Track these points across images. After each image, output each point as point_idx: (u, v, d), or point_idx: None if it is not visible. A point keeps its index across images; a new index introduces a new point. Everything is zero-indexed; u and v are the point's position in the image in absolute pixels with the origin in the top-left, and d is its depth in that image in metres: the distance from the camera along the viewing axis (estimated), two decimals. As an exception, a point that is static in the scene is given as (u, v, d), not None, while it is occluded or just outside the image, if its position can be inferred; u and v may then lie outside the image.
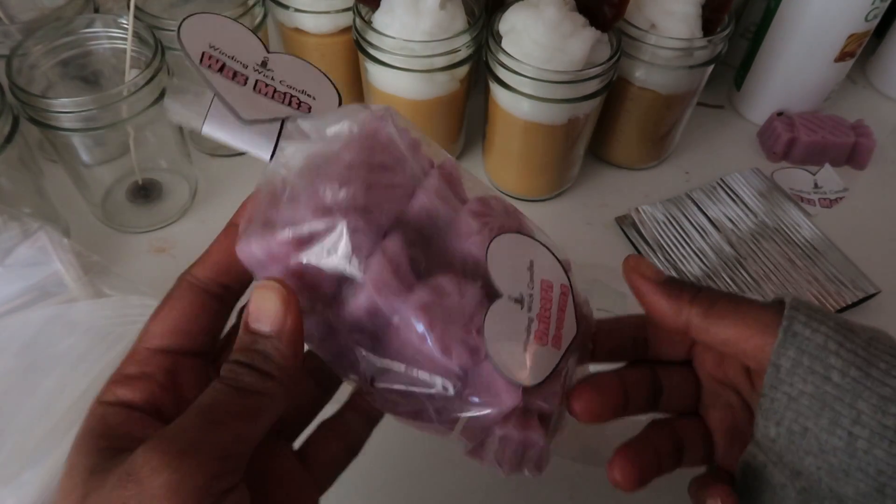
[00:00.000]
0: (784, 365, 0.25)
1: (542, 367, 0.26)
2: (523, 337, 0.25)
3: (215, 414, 0.21)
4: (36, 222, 0.43)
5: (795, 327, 0.25)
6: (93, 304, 0.42)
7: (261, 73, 0.27)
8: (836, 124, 0.61)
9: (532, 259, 0.27)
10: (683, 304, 0.27)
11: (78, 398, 0.38)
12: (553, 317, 0.26)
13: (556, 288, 0.27)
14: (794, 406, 0.25)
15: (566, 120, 0.49)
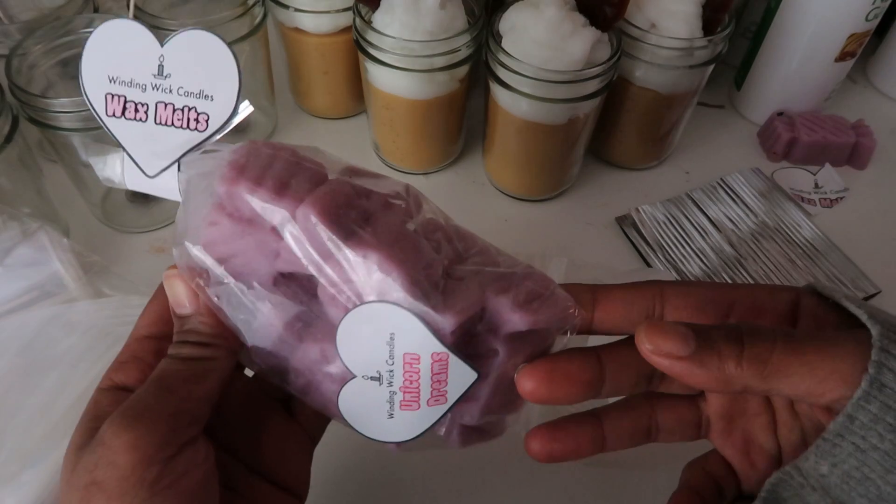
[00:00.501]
0: (861, 419, 0.21)
1: (416, 425, 0.26)
2: (385, 408, 0.25)
3: (164, 381, 0.24)
4: (35, 222, 0.43)
5: (884, 378, 0.21)
6: (93, 304, 0.42)
7: (158, 87, 0.28)
8: (836, 124, 0.61)
9: (392, 332, 0.24)
10: (731, 371, 0.22)
11: (78, 398, 0.38)
12: (425, 384, 0.25)
13: (426, 359, 0.24)
14: (861, 457, 0.21)
15: (566, 120, 0.49)
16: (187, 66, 0.28)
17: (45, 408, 0.37)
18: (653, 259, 0.52)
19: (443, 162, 0.59)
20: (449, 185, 0.58)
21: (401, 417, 0.25)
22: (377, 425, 0.26)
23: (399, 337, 0.24)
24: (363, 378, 0.25)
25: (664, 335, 0.22)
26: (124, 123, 0.28)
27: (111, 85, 0.28)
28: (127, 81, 0.28)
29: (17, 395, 0.38)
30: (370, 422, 0.26)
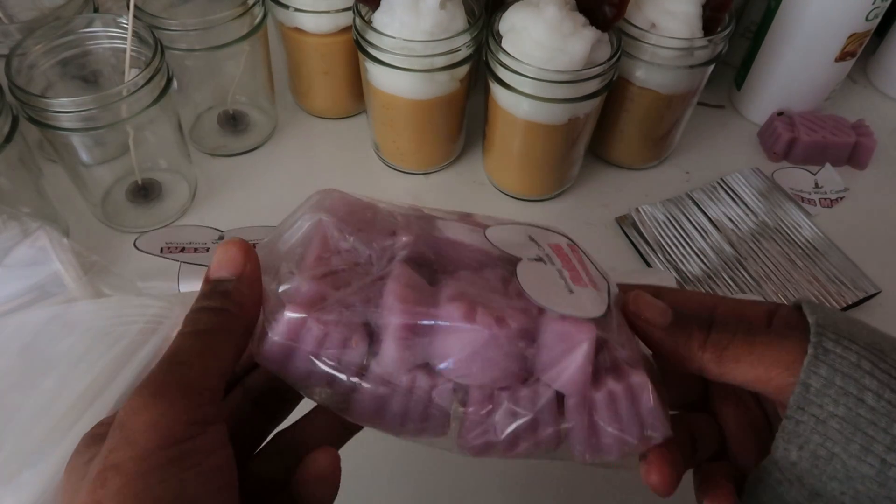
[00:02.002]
0: (814, 385, 0.23)
1: (596, 301, 0.24)
2: (562, 283, 0.24)
3: (179, 356, 0.23)
4: (35, 222, 0.43)
5: (826, 344, 0.23)
6: (93, 304, 0.42)
7: None
8: (836, 124, 0.61)
9: (530, 234, 0.26)
10: (694, 350, 0.25)
11: (78, 398, 0.38)
12: (578, 266, 0.25)
13: (565, 247, 0.26)
14: (822, 429, 0.23)
15: (566, 120, 0.49)
16: None
17: (45, 408, 0.37)
18: (653, 259, 0.52)
19: (443, 162, 0.59)
20: (449, 185, 0.58)
21: (579, 292, 0.24)
22: (565, 299, 0.24)
23: (537, 237, 0.26)
24: (528, 259, 0.25)
25: (648, 305, 0.26)
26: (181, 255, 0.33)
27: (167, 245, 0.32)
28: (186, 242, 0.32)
29: (17, 395, 0.38)
30: (557, 296, 0.24)
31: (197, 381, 0.23)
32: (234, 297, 0.24)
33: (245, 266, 0.25)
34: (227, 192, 0.56)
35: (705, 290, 0.50)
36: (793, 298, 0.49)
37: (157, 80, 0.45)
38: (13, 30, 0.48)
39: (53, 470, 0.36)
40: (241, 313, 0.24)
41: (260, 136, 0.60)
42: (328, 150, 0.61)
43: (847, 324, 0.24)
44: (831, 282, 0.51)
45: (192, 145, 0.58)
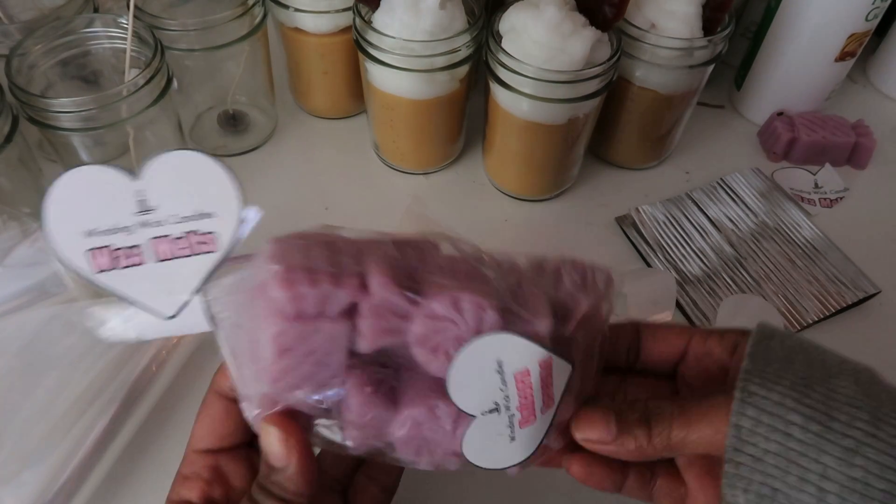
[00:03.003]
0: (745, 426, 0.25)
1: (535, 437, 0.27)
2: (507, 434, 0.26)
3: None
4: (35, 222, 0.43)
5: (750, 388, 0.25)
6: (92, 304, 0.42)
7: (148, 224, 0.25)
8: (836, 124, 0.61)
9: (499, 359, 0.25)
10: (645, 448, 0.27)
11: (77, 398, 0.38)
12: (537, 394, 0.26)
13: (534, 370, 0.26)
14: (761, 467, 0.24)
15: (566, 120, 0.49)
16: (172, 192, 0.24)
17: (45, 408, 0.37)
18: (653, 259, 0.52)
19: (443, 162, 0.59)
20: (449, 185, 0.58)
21: (521, 436, 0.26)
22: (501, 454, 0.27)
23: (506, 361, 0.25)
24: (482, 415, 0.26)
25: (591, 426, 0.28)
26: (120, 274, 0.24)
27: (90, 239, 0.24)
28: (107, 229, 0.24)
29: (17, 395, 0.38)
30: (494, 454, 0.27)
31: None
32: (289, 487, 0.26)
33: (290, 457, 0.26)
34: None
35: (705, 290, 0.50)
36: (793, 298, 0.49)
37: (157, 80, 0.45)
38: (13, 30, 0.48)
39: (53, 470, 0.36)
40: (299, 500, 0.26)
41: (260, 136, 0.60)
42: (328, 150, 0.61)
43: (783, 362, 0.26)
44: (831, 282, 0.51)
45: (192, 145, 0.58)
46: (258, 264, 0.25)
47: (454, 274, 0.26)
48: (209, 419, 0.28)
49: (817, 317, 0.49)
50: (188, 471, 0.28)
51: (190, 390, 0.43)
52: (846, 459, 0.23)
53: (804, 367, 0.26)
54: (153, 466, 0.40)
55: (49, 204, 0.24)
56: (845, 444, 0.24)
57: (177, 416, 0.42)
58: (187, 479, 0.28)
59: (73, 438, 0.37)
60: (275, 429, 0.25)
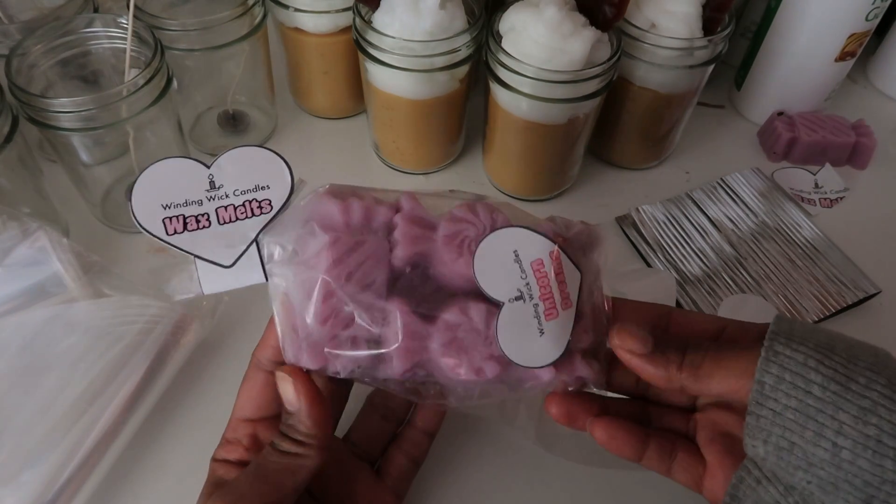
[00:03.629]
0: (767, 382, 0.26)
1: (561, 335, 0.29)
2: (535, 326, 0.28)
3: (260, 470, 0.29)
4: (35, 222, 0.43)
5: (776, 347, 0.27)
6: (93, 304, 0.42)
7: (215, 198, 0.30)
8: (836, 124, 0.61)
9: (515, 249, 0.29)
10: (673, 372, 0.29)
11: (78, 398, 0.38)
12: (554, 287, 0.29)
13: (547, 261, 0.29)
14: (780, 421, 0.26)
15: (566, 120, 0.49)
16: (236, 173, 0.31)
17: (45, 408, 0.37)
18: (653, 259, 0.52)
19: (443, 162, 0.59)
20: (449, 185, 0.58)
21: (549, 330, 0.28)
22: (534, 349, 0.28)
23: (521, 250, 0.29)
24: (510, 302, 0.28)
25: (630, 336, 0.29)
26: (188, 235, 0.30)
27: (166, 211, 0.30)
28: (181, 203, 0.30)
29: (17, 395, 0.38)
30: (529, 348, 0.28)
31: (270, 494, 0.28)
32: (301, 428, 0.29)
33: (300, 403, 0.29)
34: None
35: (705, 290, 0.50)
36: (793, 298, 0.49)
37: (157, 80, 0.45)
38: (13, 30, 0.48)
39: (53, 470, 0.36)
40: (311, 441, 0.29)
41: (260, 136, 0.60)
42: (328, 150, 0.61)
43: (804, 331, 0.28)
44: (831, 282, 0.51)
45: (192, 145, 0.58)
46: (310, 198, 0.30)
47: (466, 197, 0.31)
48: (249, 391, 0.32)
49: (817, 317, 0.49)
50: (231, 436, 0.32)
51: (190, 390, 0.43)
52: (861, 418, 0.25)
53: (827, 337, 0.27)
54: (153, 466, 0.40)
55: (137, 185, 0.30)
56: (862, 404, 0.25)
57: (177, 416, 0.42)
58: (230, 442, 0.31)
59: (73, 438, 0.37)
60: (287, 376, 0.29)
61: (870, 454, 0.24)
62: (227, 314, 0.45)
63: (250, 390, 0.32)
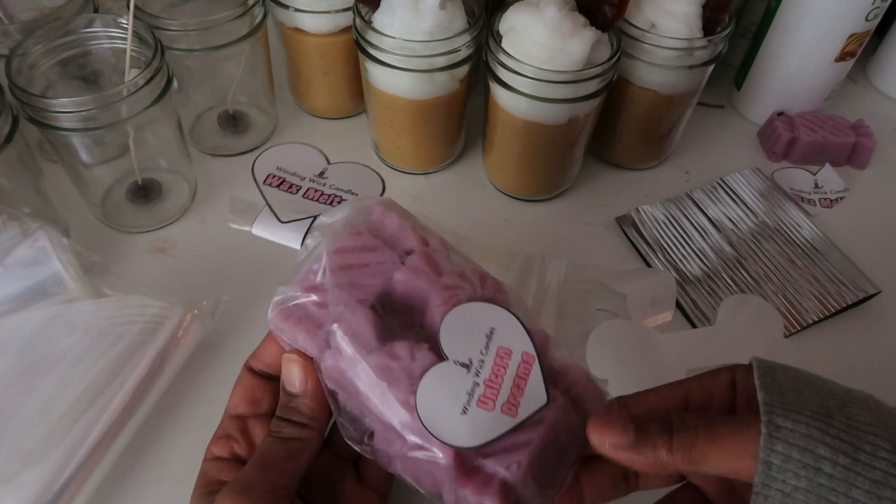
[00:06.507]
0: (775, 462, 0.24)
1: (483, 431, 0.26)
2: (463, 399, 0.26)
3: (265, 459, 0.29)
4: (35, 222, 0.43)
5: (776, 421, 0.25)
6: (93, 304, 0.42)
7: (315, 182, 0.37)
8: (836, 124, 0.61)
9: (493, 327, 0.28)
10: (663, 457, 0.26)
11: (78, 398, 0.38)
12: (506, 383, 0.27)
13: (516, 355, 0.27)
14: (790, 502, 0.24)
15: (566, 120, 0.49)
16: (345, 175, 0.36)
17: (45, 408, 0.37)
18: (653, 259, 0.52)
19: (443, 162, 0.59)
20: (449, 185, 0.58)
21: (473, 416, 0.26)
22: (448, 421, 0.26)
23: (498, 333, 0.28)
24: (454, 362, 0.27)
25: (609, 429, 0.26)
26: (276, 191, 0.36)
27: (276, 171, 0.36)
28: (290, 173, 0.36)
29: (17, 395, 0.38)
30: (442, 415, 0.26)
31: (277, 482, 0.28)
32: (304, 410, 0.30)
33: (307, 382, 0.30)
34: (228, 192, 0.56)
35: (705, 290, 0.50)
36: (793, 298, 0.49)
37: (157, 80, 0.45)
38: (13, 30, 0.48)
39: (53, 470, 0.36)
40: (313, 423, 0.30)
41: (260, 136, 0.60)
42: (328, 150, 0.61)
43: (795, 392, 0.26)
44: (831, 282, 0.51)
45: (192, 145, 0.58)
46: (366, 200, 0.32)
47: None
48: (242, 389, 0.33)
49: (817, 317, 0.49)
50: (222, 432, 0.32)
51: (190, 390, 0.43)
52: (875, 493, 0.23)
53: (815, 395, 0.26)
54: (153, 466, 0.40)
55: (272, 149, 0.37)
56: (873, 477, 0.23)
57: (177, 416, 0.42)
58: (220, 438, 0.32)
59: (73, 438, 0.37)
60: (296, 357, 0.30)
61: None
62: (227, 314, 0.45)
63: (242, 389, 0.33)
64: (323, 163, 0.37)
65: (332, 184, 0.37)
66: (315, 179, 0.36)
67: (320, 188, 0.37)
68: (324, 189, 0.37)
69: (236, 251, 0.50)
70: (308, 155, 0.38)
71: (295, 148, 0.38)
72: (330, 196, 0.37)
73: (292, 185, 0.37)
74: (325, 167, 0.37)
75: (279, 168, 0.37)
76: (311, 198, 0.37)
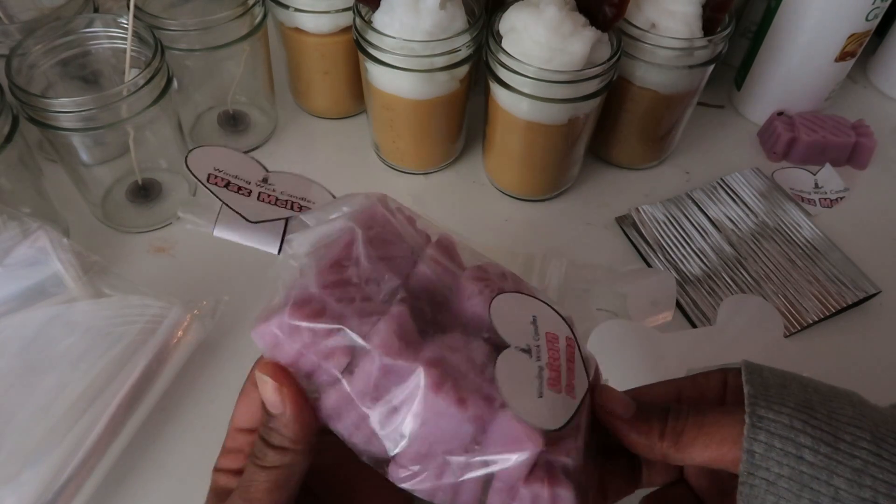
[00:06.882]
0: (757, 451, 0.25)
1: (560, 412, 0.26)
2: (536, 383, 0.26)
3: (250, 492, 0.27)
4: (35, 222, 0.43)
5: (759, 412, 0.26)
6: (93, 304, 0.42)
7: (263, 187, 0.31)
8: (836, 124, 0.61)
9: (535, 314, 0.28)
10: (654, 440, 0.27)
11: (78, 398, 0.38)
12: (563, 366, 0.27)
13: (562, 340, 0.27)
14: (774, 490, 0.25)
15: (566, 120, 0.49)
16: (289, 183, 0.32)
17: (45, 408, 0.37)
18: (653, 259, 0.52)
19: (443, 162, 0.59)
20: (449, 185, 0.58)
21: (548, 398, 0.26)
22: (529, 403, 0.25)
23: (540, 320, 0.27)
24: (516, 348, 0.26)
25: (614, 397, 0.28)
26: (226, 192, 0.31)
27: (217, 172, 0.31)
28: (233, 175, 0.32)
29: (17, 395, 0.38)
30: (523, 396, 0.25)
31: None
32: (286, 433, 0.27)
33: (284, 405, 0.26)
34: (227, 192, 0.56)
35: (705, 290, 0.50)
36: (793, 298, 0.49)
37: (157, 80, 0.45)
38: (13, 30, 0.48)
39: (53, 470, 0.36)
40: (296, 447, 0.27)
41: (260, 136, 0.60)
42: (328, 150, 0.61)
43: (779, 387, 0.27)
44: (831, 282, 0.51)
45: (192, 145, 0.58)
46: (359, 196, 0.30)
47: None
48: (248, 403, 0.30)
49: (817, 317, 0.49)
50: (231, 445, 0.30)
51: (190, 390, 0.43)
52: (856, 480, 0.24)
53: (800, 390, 0.27)
54: (153, 466, 0.40)
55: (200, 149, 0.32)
56: (854, 465, 0.24)
57: (177, 416, 0.42)
58: (230, 452, 0.30)
59: (73, 438, 0.37)
60: (268, 378, 0.26)
61: None
62: (227, 314, 0.45)
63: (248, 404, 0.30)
64: (261, 171, 0.32)
65: (283, 190, 0.32)
66: (261, 185, 0.32)
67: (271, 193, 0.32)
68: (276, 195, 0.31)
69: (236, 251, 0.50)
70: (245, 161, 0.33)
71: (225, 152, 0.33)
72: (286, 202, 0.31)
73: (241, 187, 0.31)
74: (265, 174, 0.32)
75: (217, 170, 0.31)
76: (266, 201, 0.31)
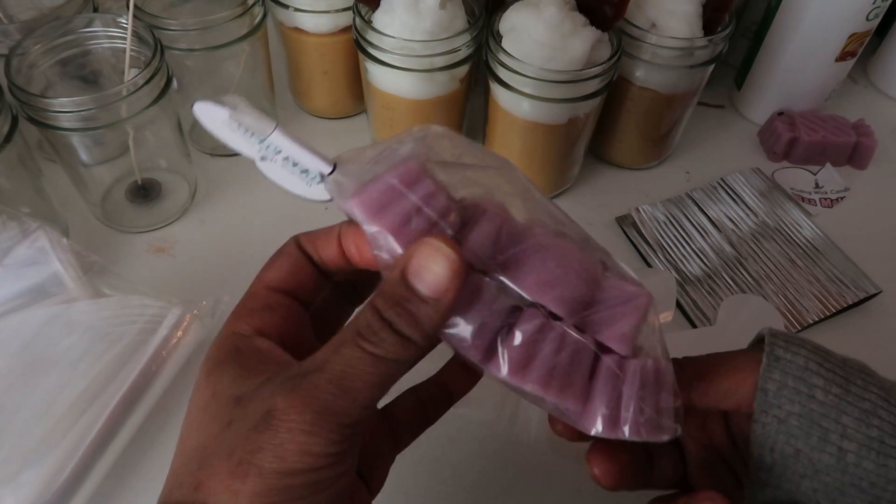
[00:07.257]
0: (771, 388, 0.26)
1: None
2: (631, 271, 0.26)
3: (350, 381, 0.21)
4: (35, 222, 0.43)
5: (777, 352, 0.27)
6: (92, 304, 0.42)
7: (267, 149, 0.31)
8: (837, 124, 0.61)
9: None
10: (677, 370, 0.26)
11: (77, 398, 0.38)
12: None
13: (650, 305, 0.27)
14: (785, 428, 0.26)
15: (566, 120, 0.49)
16: None
17: (45, 408, 0.37)
18: (653, 259, 0.52)
19: (443, 162, 0.59)
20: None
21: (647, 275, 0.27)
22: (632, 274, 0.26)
23: None
24: None
25: None
26: None
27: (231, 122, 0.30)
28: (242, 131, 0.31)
29: (17, 395, 0.38)
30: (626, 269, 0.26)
31: (357, 414, 0.21)
32: (426, 326, 0.21)
33: (448, 291, 0.21)
34: (227, 192, 0.56)
35: (705, 290, 0.50)
36: (793, 298, 0.49)
37: (156, 80, 0.45)
38: (13, 30, 0.48)
39: (53, 470, 0.36)
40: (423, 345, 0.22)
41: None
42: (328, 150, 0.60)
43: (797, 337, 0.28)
44: (831, 282, 0.51)
45: (192, 145, 0.58)
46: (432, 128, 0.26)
47: None
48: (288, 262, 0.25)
49: (818, 317, 0.49)
50: (258, 304, 0.25)
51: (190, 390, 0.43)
52: (864, 420, 0.25)
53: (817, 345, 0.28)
54: (153, 466, 0.40)
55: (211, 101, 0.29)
56: (863, 406, 0.25)
57: (177, 416, 0.42)
58: (257, 311, 0.25)
59: (73, 438, 0.37)
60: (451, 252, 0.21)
61: (874, 455, 0.25)
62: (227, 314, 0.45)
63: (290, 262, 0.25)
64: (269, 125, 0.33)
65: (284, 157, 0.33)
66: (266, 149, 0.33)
67: None
68: None
69: (236, 251, 0.50)
70: None
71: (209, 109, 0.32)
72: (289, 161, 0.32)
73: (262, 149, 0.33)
74: None
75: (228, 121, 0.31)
76: None
